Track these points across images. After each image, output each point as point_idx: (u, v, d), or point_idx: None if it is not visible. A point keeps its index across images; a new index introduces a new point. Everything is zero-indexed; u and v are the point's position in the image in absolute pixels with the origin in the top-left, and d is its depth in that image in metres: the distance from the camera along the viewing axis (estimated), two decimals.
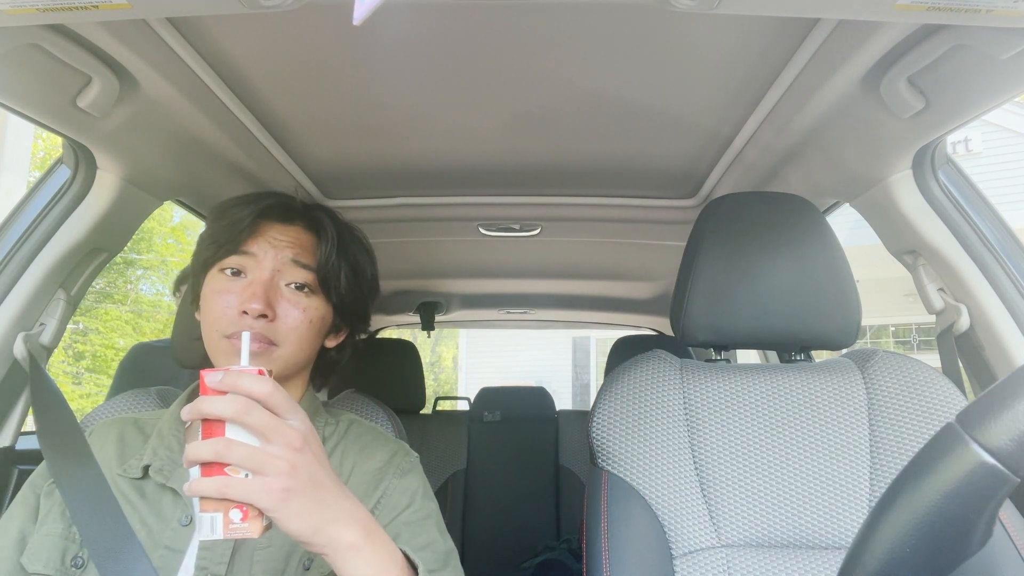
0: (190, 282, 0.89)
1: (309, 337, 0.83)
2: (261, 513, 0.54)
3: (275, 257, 0.81)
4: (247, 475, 0.53)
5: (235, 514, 0.53)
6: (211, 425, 0.54)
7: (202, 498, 0.53)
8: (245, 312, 0.77)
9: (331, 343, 0.91)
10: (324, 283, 0.84)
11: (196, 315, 0.87)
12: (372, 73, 0.96)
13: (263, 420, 0.54)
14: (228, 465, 0.53)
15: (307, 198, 0.90)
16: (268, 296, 0.79)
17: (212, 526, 0.53)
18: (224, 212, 0.84)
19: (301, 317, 0.81)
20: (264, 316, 0.78)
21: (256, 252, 0.81)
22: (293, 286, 0.82)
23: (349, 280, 0.87)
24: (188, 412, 0.54)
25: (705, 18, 0.81)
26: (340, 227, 0.89)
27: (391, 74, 0.96)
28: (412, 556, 0.65)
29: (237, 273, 0.81)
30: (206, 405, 0.54)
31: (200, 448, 0.53)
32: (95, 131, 0.96)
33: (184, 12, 0.73)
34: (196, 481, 0.53)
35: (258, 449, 0.53)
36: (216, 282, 0.81)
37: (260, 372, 0.56)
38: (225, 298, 0.79)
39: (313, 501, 0.56)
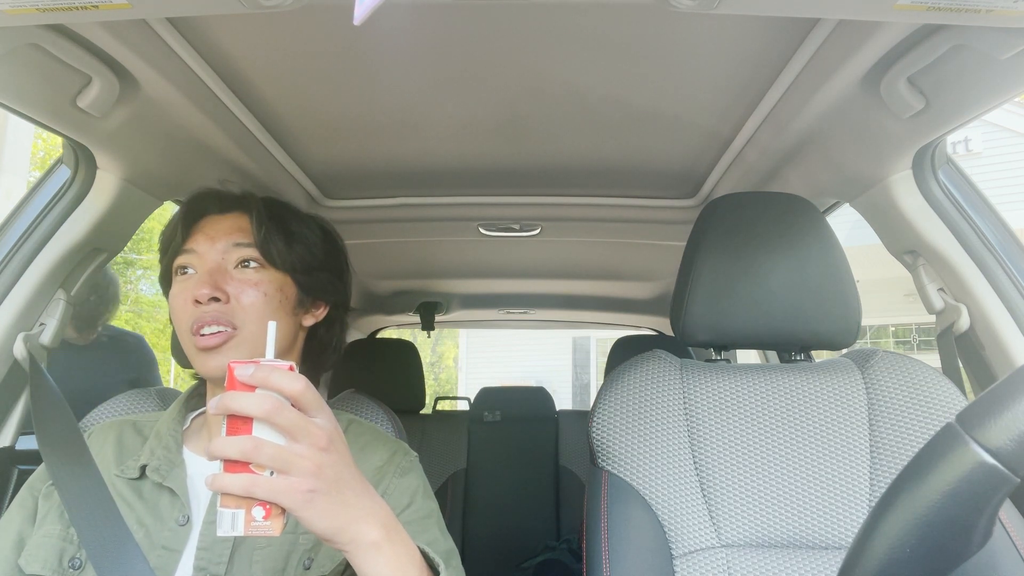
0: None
1: (269, 312, 0.82)
2: (283, 511, 0.53)
3: (215, 247, 0.82)
4: (272, 473, 0.52)
5: (258, 511, 0.53)
6: (237, 419, 0.53)
7: (223, 493, 0.52)
8: (198, 301, 0.78)
9: (310, 320, 0.90)
10: (267, 255, 0.83)
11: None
12: (372, 73, 0.96)
13: (292, 420, 0.53)
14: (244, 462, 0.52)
15: (237, 187, 0.90)
16: (215, 281, 0.79)
17: (233, 523, 0.52)
18: (168, 221, 0.88)
19: (255, 292, 0.81)
20: (216, 300, 0.78)
21: (196, 248, 0.82)
22: (240, 265, 0.82)
23: (295, 247, 0.86)
24: (216, 407, 0.53)
25: (705, 18, 0.81)
26: (273, 204, 0.89)
27: (391, 74, 0.96)
28: (432, 555, 0.65)
29: (186, 270, 0.83)
30: (236, 402, 0.52)
31: (227, 446, 0.52)
32: (95, 131, 0.96)
33: (184, 12, 0.73)
34: (220, 476, 0.52)
35: (285, 449, 0.53)
36: (174, 286, 0.83)
37: (291, 368, 0.55)
38: (182, 296, 0.80)
39: (337, 501, 0.55)
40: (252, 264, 0.83)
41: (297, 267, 0.86)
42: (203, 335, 0.77)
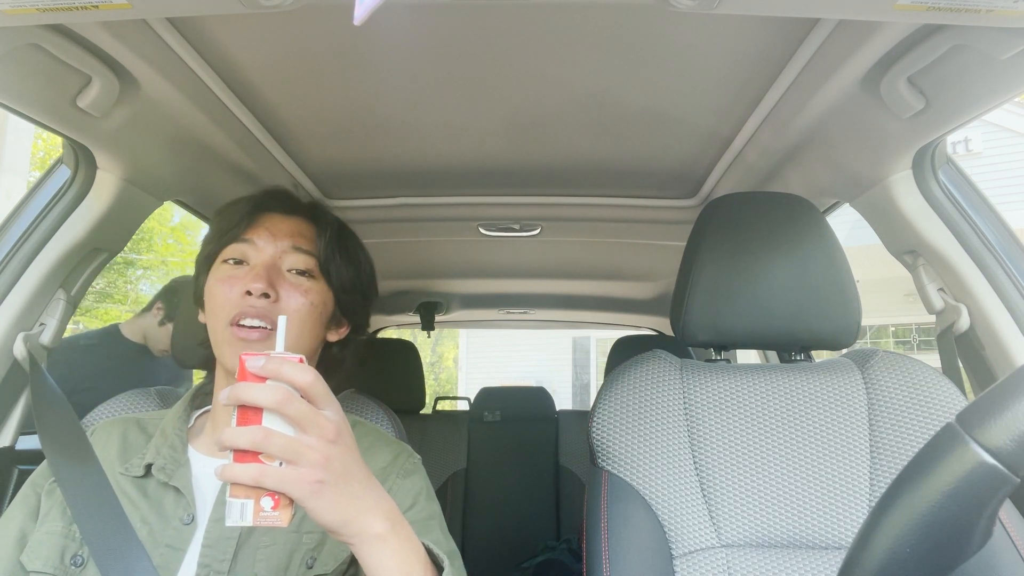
0: (194, 283, 0.89)
1: (311, 322, 0.83)
2: (291, 502, 0.54)
3: (275, 245, 0.83)
4: (281, 464, 0.53)
5: (266, 502, 0.53)
6: (247, 411, 0.54)
7: (233, 483, 0.53)
8: (249, 293, 0.78)
9: (333, 337, 0.91)
10: (325, 268, 0.85)
11: (200, 316, 0.87)
12: (372, 73, 0.96)
13: (302, 411, 0.54)
14: (262, 452, 0.53)
15: (306, 195, 0.91)
16: (271, 277, 0.80)
17: (242, 512, 0.53)
18: (225, 207, 0.86)
19: (303, 300, 0.82)
20: (267, 296, 0.78)
21: (256, 240, 0.82)
22: (295, 271, 0.83)
23: (349, 268, 0.88)
24: (227, 397, 0.54)
25: (705, 18, 0.81)
26: (339, 221, 0.91)
27: (391, 74, 0.96)
28: (435, 550, 0.66)
29: (240, 262, 0.82)
30: (247, 392, 0.53)
31: (237, 436, 0.52)
32: (95, 131, 0.96)
33: (184, 12, 0.73)
34: (230, 466, 0.52)
35: (295, 440, 0.53)
36: (219, 272, 0.82)
37: (300, 360, 0.56)
38: (229, 283, 0.80)
39: (344, 493, 0.56)
40: (307, 272, 0.84)
41: (345, 286, 0.88)
42: (242, 326, 0.78)
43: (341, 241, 0.88)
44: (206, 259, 0.86)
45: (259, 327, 0.78)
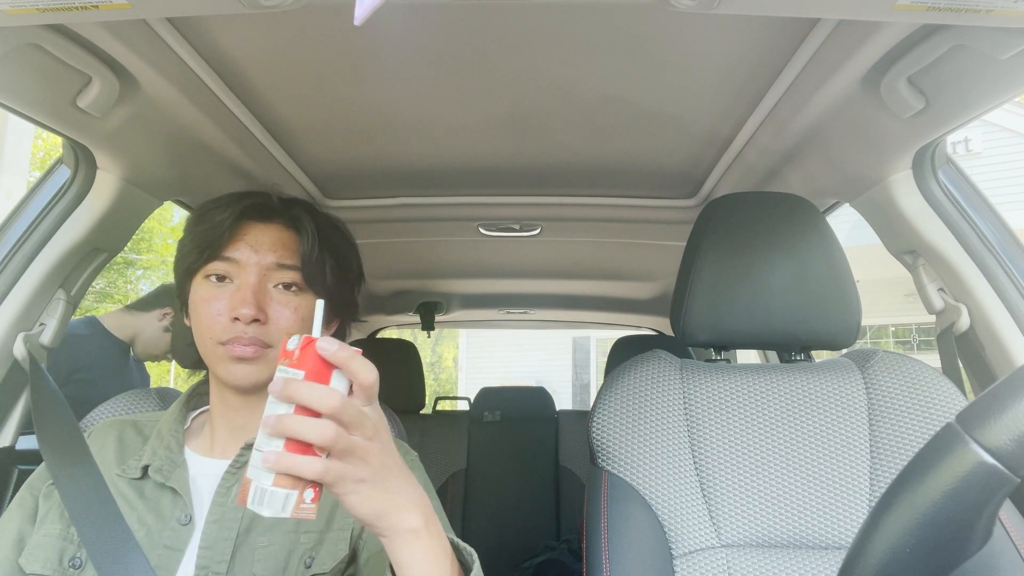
0: (176, 287, 0.88)
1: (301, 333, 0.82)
2: (320, 496, 0.54)
3: (258, 263, 0.80)
4: (326, 456, 0.52)
5: (308, 494, 0.52)
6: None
7: (280, 473, 0.51)
8: (237, 318, 0.77)
9: (326, 335, 0.90)
10: (310, 279, 0.83)
11: (185, 320, 0.86)
12: (372, 73, 0.96)
13: (354, 414, 0.54)
14: (311, 444, 0.51)
15: (284, 194, 0.89)
16: (258, 300, 0.78)
17: (285, 503, 0.52)
18: (202, 216, 0.83)
19: (293, 316, 0.80)
20: (256, 320, 0.77)
21: (238, 258, 0.80)
22: (281, 287, 0.81)
23: (335, 272, 0.86)
24: (280, 392, 0.52)
25: (705, 18, 0.81)
26: (320, 220, 0.87)
27: (391, 74, 0.96)
28: (462, 546, 0.66)
29: (222, 279, 0.80)
30: (307, 394, 0.51)
31: (308, 429, 0.51)
32: (95, 131, 0.96)
33: (184, 12, 0.73)
34: (288, 456, 0.51)
35: (350, 437, 0.53)
36: (203, 290, 0.80)
37: (360, 351, 0.55)
38: (215, 305, 0.78)
39: (382, 488, 0.56)
40: (293, 287, 0.82)
41: (333, 292, 0.86)
42: (235, 346, 0.77)
43: (324, 244, 0.84)
44: (186, 272, 0.83)
45: (253, 347, 0.77)
